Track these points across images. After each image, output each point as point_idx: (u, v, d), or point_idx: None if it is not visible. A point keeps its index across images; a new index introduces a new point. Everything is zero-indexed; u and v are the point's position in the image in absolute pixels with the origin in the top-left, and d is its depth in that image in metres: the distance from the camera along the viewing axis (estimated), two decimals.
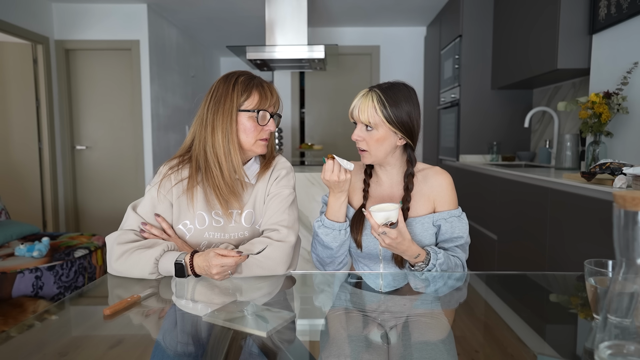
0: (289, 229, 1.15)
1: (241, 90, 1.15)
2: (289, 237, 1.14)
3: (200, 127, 1.17)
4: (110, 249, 1.10)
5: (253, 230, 1.21)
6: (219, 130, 1.13)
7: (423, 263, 1.15)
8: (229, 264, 0.99)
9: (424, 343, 0.75)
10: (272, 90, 1.20)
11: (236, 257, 0.98)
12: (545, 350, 0.72)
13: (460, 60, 3.64)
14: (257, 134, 1.17)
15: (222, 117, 1.13)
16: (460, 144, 3.65)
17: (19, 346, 0.75)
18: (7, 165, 4.14)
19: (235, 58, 6.67)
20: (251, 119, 1.15)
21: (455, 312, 0.92)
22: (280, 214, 1.18)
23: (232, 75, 1.18)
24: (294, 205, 1.22)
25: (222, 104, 1.14)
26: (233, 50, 3.47)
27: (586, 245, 1.79)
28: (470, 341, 0.76)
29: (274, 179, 1.23)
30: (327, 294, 1.05)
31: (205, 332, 0.79)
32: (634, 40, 2.09)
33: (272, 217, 1.18)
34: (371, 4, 4.34)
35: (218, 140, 1.14)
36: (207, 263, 1.00)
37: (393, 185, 1.28)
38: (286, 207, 1.19)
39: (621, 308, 0.59)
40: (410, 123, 1.18)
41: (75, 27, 4.39)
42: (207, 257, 1.01)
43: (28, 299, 2.33)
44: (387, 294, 1.01)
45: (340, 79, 5.36)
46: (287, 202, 1.20)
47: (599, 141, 2.24)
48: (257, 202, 1.21)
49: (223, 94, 1.15)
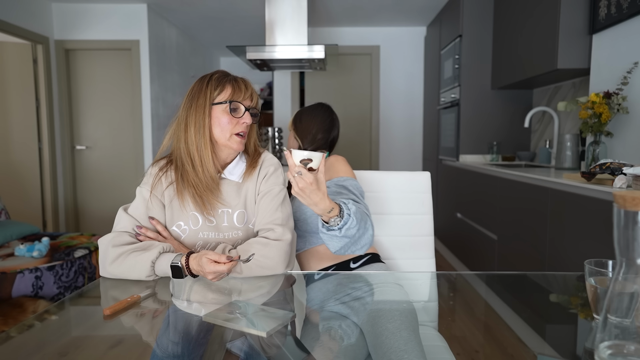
0: (284, 226, 1.15)
1: (215, 85, 1.16)
2: (285, 235, 1.14)
3: (176, 127, 1.18)
4: (105, 251, 1.09)
5: (246, 230, 1.21)
6: (192, 125, 1.14)
7: (338, 217, 1.11)
8: (222, 271, 0.99)
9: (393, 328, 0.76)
10: (247, 84, 1.20)
11: (228, 264, 0.98)
12: (545, 350, 0.72)
13: (460, 60, 3.64)
14: (232, 128, 1.16)
15: (195, 113, 1.14)
16: (460, 144, 3.65)
17: (19, 346, 0.75)
18: (7, 165, 4.14)
19: (235, 58, 6.67)
20: (225, 113, 1.15)
21: (455, 312, 0.92)
22: (273, 212, 1.17)
23: (207, 74, 1.20)
24: (285, 202, 1.21)
25: (195, 100, 1.15)
26: (233, 50, 3.47)
27: (586, 245, 1.79)
28: (470, 341, 0.76)
29: (262, 177, 1.22)
30: (304, 294, 1.05)
31: (205, 332, 0.79)
32: (634, 40, 2.09)
33: (266, 217, 1.17)
34: (371, 4, 4.34)
35: (191, 136, 1.14)
36: (201, 268, 1.00)
37: None
38: (278, 205, 1.18)
39: (621, 308, 0.59)
40: (304, 130, 1.52)
41: (75, 27, 4.39)
42: (200, 261, 1.00)
43: (28, 299, 2.33)
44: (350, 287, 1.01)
45: (340, 79, 5.36)
46: (278, 200, 1.19)
47: (599, 141, 2.24)
48: (247, 201, 1.21)
49: (197, 91, 1.16)
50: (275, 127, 4.24)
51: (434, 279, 1.15)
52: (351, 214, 1.11)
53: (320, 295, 1.05)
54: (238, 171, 1.22)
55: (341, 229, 1.10)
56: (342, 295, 1.01)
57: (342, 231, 1.10)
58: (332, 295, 1.02)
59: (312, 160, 1.04)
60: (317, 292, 1.08)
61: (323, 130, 1.52)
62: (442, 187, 4.05)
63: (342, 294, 1.01)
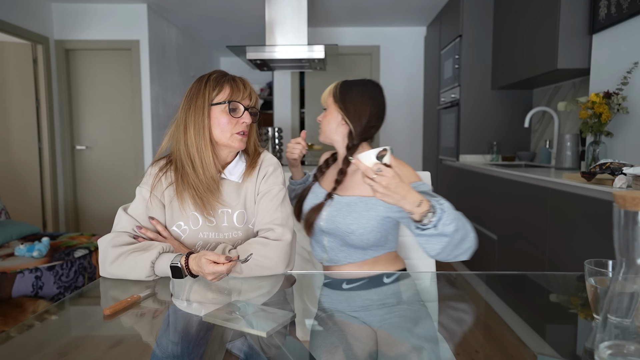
0: (284, 226, 1.15)
1: (213, 85, 1.15)
2: (285, 235, 1.13)
3: (176, 128, 1.17)
4: (105, 252, 1.09)
5: (246, 230, 1.21)
6: (192, 127, 1.14)
7: (429, 212, 0.99)
8: (221, 272, 0.99)
9: (410, 341, 0.75)
10: (245, 83, 1.19)
11: (227, 265, 0.98)
12: (545, 350, 0.72)
13: (460, 60, 3.64)
14: (233, 128, 1.15)
15: (194, 114, 1.14)
16: (460, 144, 3.65)
17: (19, 346, 0.75)
18: (7, 165, 4.14)
19: (235, 58, 6.67)
20: (224, 113, 1.15)
21: (455, 312, 0.92)
22: (273, 212, 1.17)
23: (205, 74, 1.19)
24: (285, 202, 1.21)
25: (194, 102, 1.15)
26: (233, 50, 3.47)
27: (586, 245, 1.79)
28: (470, 341, 0.76)
29: (262, 177, 1.22)
30: (315, 294, 1.05)
31: (205, 332, 0.79)
32: (634, 40, 2.09)
33: (265, 217, 1.17)
34: (371, 4, 4.34)
35: (191, 138, 1.14)
36: (200, 269, 1.00)
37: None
38: (278, 205, 1.18)
39: (621, 308, 0.59)
40: (357, 111, 1.27)
41: (75, 27, 4.39)
42: (199, 262, 1.00)
43: (28, 299, 2.33)
44: (367, 292, 1.01)
45: (340, 79, 5.35)
46: (278, 200, 1.19)
47: (599, 141, 2.24)
48: (247, 201, 1.21)
49: (196, 92, 1.15)
50: (275, 127, 4.24)
51: (434, 279, 1.15)
52: (445, 209, 1.00)
53: (342, 305, 0.98)
54: (238, 171, 1.21)
55: (437, 226, 0.98)
56: (361, 306, 0.96)
57: (439, 227, 0.98)
58: (352, 305, 0.97)
59: (386, 152, 0.95)
60: (339, 300, 1.03)
61: (377, 117, 1.31)
62: (442, 187, 4.05)
63: (363, 305, 0.97)
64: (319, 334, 0.79)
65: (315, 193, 1.38)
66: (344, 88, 1.32)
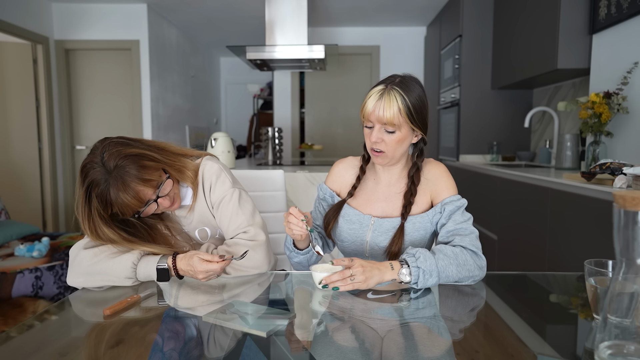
0: (253, 226, 1.16)
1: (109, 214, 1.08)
2: (258, 235, 1.14)
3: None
4: (76, 255, 1.04)
5: (214, 241, 1.23)
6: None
7: (402, 268, 0.97)
8: (215, 270, 0.99)
9: (419, 350, 0.75)
10: (122, 208, 1.06)
11: (221, 263, 0.98)
12: (545, 350, 0.72)
13: (460, 60, 3.64)
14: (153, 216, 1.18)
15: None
16: (460, 144, 3.65)
17: (19, 346, 0.75)
18: (7, 165, 4.14)
19: (235, 58, 6.67)
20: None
21: (455, 312, 0.92)
22: (236, 217, 1.17)
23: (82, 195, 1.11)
24: (242, 201, 1.19)
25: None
26: (233, 50, 3.48)
27: (586, 245, 1.79)
28: (470, 341, 0.76)
29: (207, 190, 1.20)
30: (321, 296, 1.05)
31: (205, 332, 0.79)
32: (634, 40, 2.09)
33: (231, 224, 1.17)
34: (371, 4, 4.34)
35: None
36: (192, 268, 0.99)
37: (392, 184, 1.21)
38: (237, 208, 1.17)
39: (621, 308, 0.59)
40: (425, 119, 1.14)
41: (75, 27, 4.39)
42: (190, 261, 1.00)
43: (28, 299, 2.33)
44: (381, 297, 1.01)
45: (340, 79, 5.36)
46: (234, 203, 1.18)
47: (599, 141, 2.24)
48: (204, 217, 1.22)
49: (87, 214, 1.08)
50: (275, 127, 4.24)
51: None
52: (416, 254, 0.98)
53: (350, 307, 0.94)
54: (187, 196, 1.21)
55: (417, 283, 0.96)
56: (370, 309, 0.92)
57: (420, 283, 0.96)
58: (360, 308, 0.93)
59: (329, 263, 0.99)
60: (347, 302, 0.98)
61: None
62: None
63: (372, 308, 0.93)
64: (323, 335, 0.79)
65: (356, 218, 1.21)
66: (413, 102, 1.11)
